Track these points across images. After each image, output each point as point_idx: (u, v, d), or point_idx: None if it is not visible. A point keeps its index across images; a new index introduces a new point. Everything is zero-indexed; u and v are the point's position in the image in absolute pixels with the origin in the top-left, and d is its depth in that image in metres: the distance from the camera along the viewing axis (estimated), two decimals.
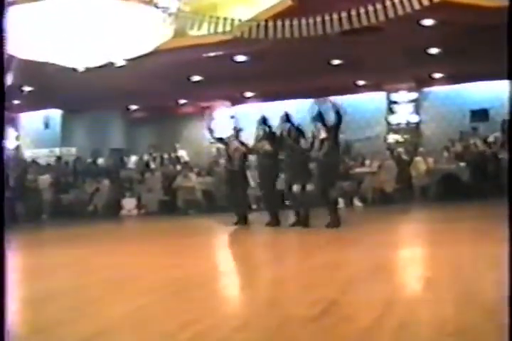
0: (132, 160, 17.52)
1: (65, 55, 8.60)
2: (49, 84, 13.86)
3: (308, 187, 8.32)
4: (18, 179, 13.83)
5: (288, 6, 9.88)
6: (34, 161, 16.80)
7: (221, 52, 12.43)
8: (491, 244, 4.86)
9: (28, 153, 18.55)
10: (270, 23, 8.57)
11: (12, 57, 7.57)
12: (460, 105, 16.71)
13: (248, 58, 13.30)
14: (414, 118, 17.51)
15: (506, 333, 2.06)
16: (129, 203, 14.14)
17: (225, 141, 9.72)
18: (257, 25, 8.73)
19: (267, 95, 17.74)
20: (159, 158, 16.77)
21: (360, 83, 17.01)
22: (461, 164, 13.26)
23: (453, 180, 12.77)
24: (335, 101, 8.12)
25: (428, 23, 11.08)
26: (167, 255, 5.94)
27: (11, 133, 18.30)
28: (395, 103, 17.60)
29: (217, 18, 8.81)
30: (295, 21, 8.47)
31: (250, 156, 9.85)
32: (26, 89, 14.76)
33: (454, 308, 2.86)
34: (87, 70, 10.17)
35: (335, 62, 14.25)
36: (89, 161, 16.95)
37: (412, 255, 5.13)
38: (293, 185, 8.29)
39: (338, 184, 8.49)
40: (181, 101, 19.16)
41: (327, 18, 8.30)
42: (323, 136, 7.91)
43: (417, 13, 8.21)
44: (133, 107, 19.89)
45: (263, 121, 9.00)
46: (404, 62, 13.96)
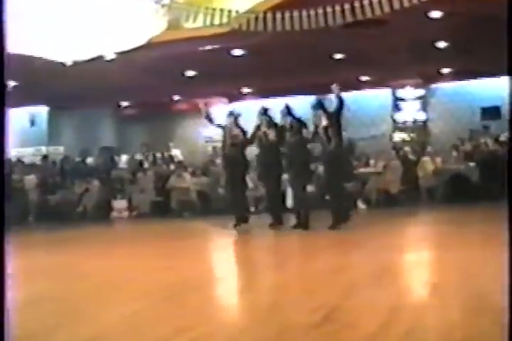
0: (123, 159, 17.49)
1: (52, 48, 8.59)
2: (35, 79, 13.84)
3: (309, 188, 8.36)
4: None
5: None
6: (19, 160, 16.75)
7: (217, 46, 12.43)
8: (500, 248, 4.86)
9: (13, 152, 18.50)
10: (269, 15, 8.57)
11: None
12: (470, 102, 16.72)
13: (246, 52, 13.31)
14: (422, 115, 17.54)
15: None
16: (119, 204, 14.14)
17: (223, 127, 9.58)
18: (256, 17, 8.73)
19: (266, 91, 17.72)
20: (152, 157, 16.76)
21: (364, 79, 17.00)
22: (471, 164, 13.25)
23: (462, 181, 12.78)
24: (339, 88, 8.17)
25: (436, 15, 11.09)
26: (160, 258, 5.95)
27: None
28: (401, 100, 17.64)
29: (213, 10, 8.81)
30: (295, 13, 8.47)
31: (249, 155, 9.76)
32: (11, 84, 14.77)
33: (462, 314, 2.88)
34: (76, 64, 10.13)
35: (337, 57, 14.26)
36: (78, 160, 16.91)
37: (418, 259, 5.15)
38: (294, 185, 8.32)
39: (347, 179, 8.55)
40: (175, 98, 19.17)
41: (329, 10, 8.30)
42: (325, 123, 7.96)
43: (423, 4, 8.21)
44: (124, 104, 19.88)
45: (264, 111, 8.98)
46: (411, 57, 13.97)
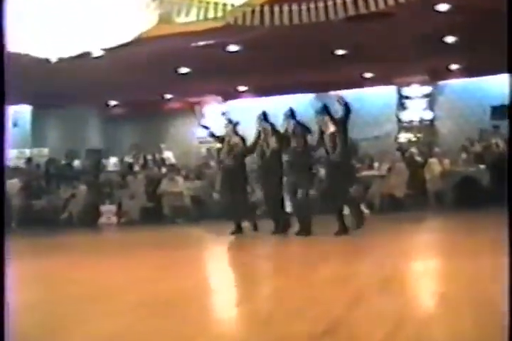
0: (112, 162, 17.49)
1: (36, 43, 8.59)
2: (18, 76, 13.81)
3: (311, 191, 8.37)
4: None
5: None
6: None
7: (211, 41, 12.43)
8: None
9: None
10: (266, 9, 8.57)
11: None
12: (480, 100, 16.72)
13: (242, 48, 13.31)
14: (428, 114, 17.57)
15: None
16: (108, 210, 14.11)
17: (221, 138, 9.53)
18: (252, 11, 8.73)
19: (263, 89, 17.76)
20: (142, 160, 16.74)
21: (368, 75, 17.03)
22: (481, 166, 13.26)
23: (471, 185, 12.78)
24: (341, 95, 8.20)
25: (443, 8, 11.10)
26: (153, 268, 5.93)
27: None
28: (407, 98, 17.66)
29: (207, 3, 8.80)
30: (294, 6, 8.47)
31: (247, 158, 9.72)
32: None
33: (471, 325, 2.87)
34: (61, 61, 10.15)
35: (339, 52, 14.27)
36: (64, 163, 16.90)
37: (425, 268, 5.14)
38: (297, 190, 8.33)
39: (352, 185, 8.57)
40: (167, 96, 19.17)
41: (330, 3, 8.30)
42: (332, 129, 7.95)
43: None
44: (112, 103, 19.88)
45: (264, 117, 8.96)
46: (417, 52, 13.98)
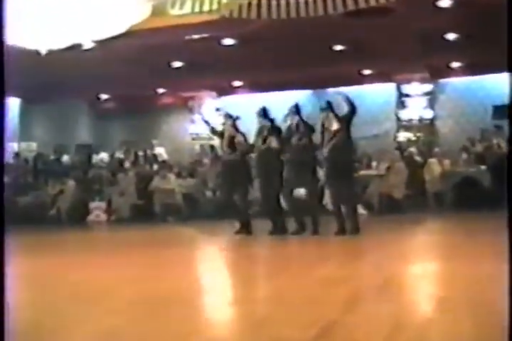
0: (102, 157, 17.48)
1: (25, 35, 8.56)
2: (6, 69, 13.77)
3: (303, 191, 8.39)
4: None
5: None
6: None
7: (206, 35, 12.41)
8: None
9: None
10: (263, 2, 8.58)
11: None
12: (481, 99, 16.76)
13: (237, 42, 13.29)
14: (429, 113, 17.57)
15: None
16: (97, 207, 14.09)
17: (220, 133, 9.32)
18: (248, 4, 8.73)
19: (259, 85, 17.76)
20: (133, 156, 16.72)
21: (367, 72, 17.04)
22: (482, 167, 13.28)
23: (472, 186, 12.79)
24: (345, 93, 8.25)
25: (445, 4, 11.11)
26: (143, 267, 5.91)
27: None
28: (407, 96, 17.66)
29: None
30: (292, 0, 8.48)
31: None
32: None
33: (471, 330, 2.86)
34: (51, 53, 10.12)
35: (337, 48, 14.27)
36: (53, 158, 16.89)
37: (423, 270, 5.14)
38: (297, 188, 8.34)
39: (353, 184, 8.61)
40: (160, 91, 19.13)
41: None
42: (336, 127, 7.95)
43: None
44: (103, 97, 19.83)
45: (263, 113, 8.87)
46: (418, 49, 13.99)
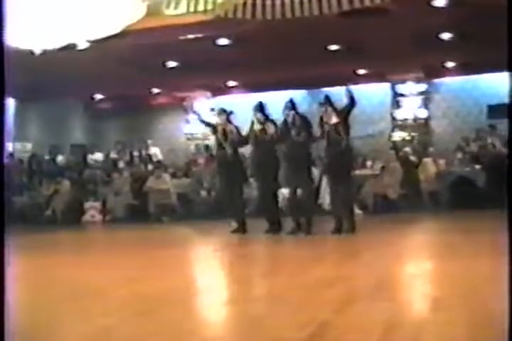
0: (97, 158, 17.45)
1: (19, 35, 8.54)
2: (5, 69, 13.74)
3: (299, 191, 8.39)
4: None
5: None
6: None
7: (201, 35, 12.40)
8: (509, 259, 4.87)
9: None
10: (258, 2, 8.58)
11: None
12: (476, 99, 16.80)
13: (232, 42, 13.29)
14: (423, 113, 17.59)
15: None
16: (92, 207, 14.08)
17: (213, 126, 9.40)
18: (243, 4, 8.72)
19: (253, 85, 17.74)
20: (128, 156, 16.71)
21: (361, 72, 17.03)
22: (477, 167, 13.31)
23: (467, 185, 12.81)
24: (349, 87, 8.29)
25: (440, 3, 11.12)
26: (137, 268, 5.91)
27: None
28: (402, 95, 17.69)
29: None
30: (287, 0, 8.47)
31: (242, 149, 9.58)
32: None
33: (466, 331, 2.86)
34: (45, 53, 10.10)
35: (332, 48, 14.28)
36: (47, 159, 16.87)
37: (418, 270, 5.14)
38: (294, 186, 8.35)
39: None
40: (155, 91, 19.12)
41: None
42: (335, 120, 7.99)
43: None
44: (98, 97, 19.80)
45: (260, 107, 8.94)
46: (413, 49, 14.00)
